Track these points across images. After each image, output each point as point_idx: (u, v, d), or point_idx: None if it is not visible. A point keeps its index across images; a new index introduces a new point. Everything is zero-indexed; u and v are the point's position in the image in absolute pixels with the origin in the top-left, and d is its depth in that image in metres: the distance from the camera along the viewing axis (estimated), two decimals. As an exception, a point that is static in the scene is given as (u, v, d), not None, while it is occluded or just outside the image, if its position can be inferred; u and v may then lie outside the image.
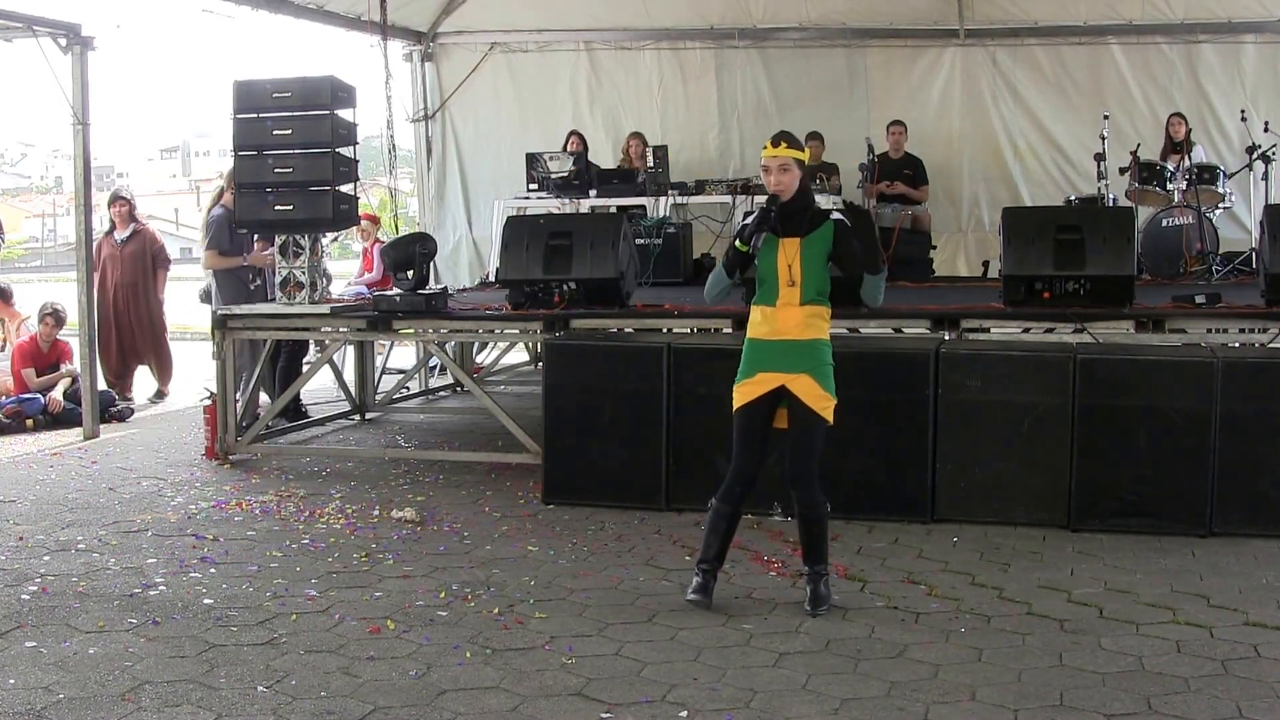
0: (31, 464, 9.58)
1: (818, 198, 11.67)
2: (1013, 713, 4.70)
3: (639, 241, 10.56)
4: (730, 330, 8.62)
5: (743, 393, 5.92)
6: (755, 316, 5.98)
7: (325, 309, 9.68)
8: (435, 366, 13.00)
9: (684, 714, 4.72)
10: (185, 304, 15.95)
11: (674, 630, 5.63)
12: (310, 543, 7.14)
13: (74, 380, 11.40)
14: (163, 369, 12.90)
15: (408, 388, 12.66)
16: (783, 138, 5.92)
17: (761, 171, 6.00)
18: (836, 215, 5.97)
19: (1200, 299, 8.32)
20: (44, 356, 11.70)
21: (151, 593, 6.19)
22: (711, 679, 5.06)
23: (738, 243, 5.87)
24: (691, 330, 9.53)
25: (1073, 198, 11.89)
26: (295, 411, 10.94)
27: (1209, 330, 8.39)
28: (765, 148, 5.95)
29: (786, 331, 5.86)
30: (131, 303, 12.51)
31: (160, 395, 12.78)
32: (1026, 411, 7.30)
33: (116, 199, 12.89)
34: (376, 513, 7.84)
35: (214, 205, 11.10)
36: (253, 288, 10.92)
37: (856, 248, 5.95)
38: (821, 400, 5.83)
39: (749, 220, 5.90)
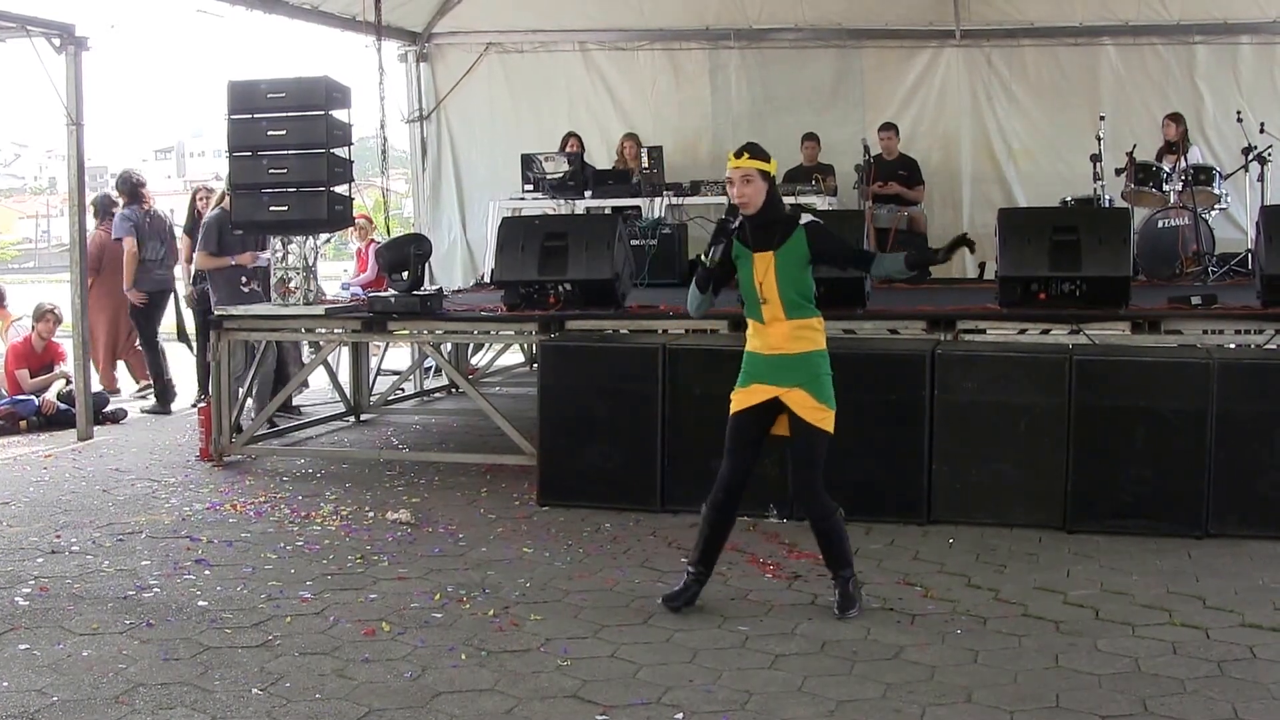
0: (25, 465, 9.56)
1: (814, 199, 11.88)
2: (1009, 714, 4.69)
3: (634, 242, 10.55)
4: (726, 331, 8.61)
5: (737, 400, 5.92)
6: (750, 329, 5.96)
7: (320, 310, 9.67)
8: (430, 368, 13.00)
9: (679, 716, 4.71)
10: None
11: (670, 632, 5.62)
12: (305, 544, 7.12)
13: (68, 381, 11.38)
14: (138, 365, 12.99)
15: (403, 389, 12.65)
16: (746, 148, 5.83)
17: (726, 183, 5.91)
18: (806, 218, 5.86)
19: (1196, 300, 8.32)
20: (38, 358, 11.68)
21: (146, 595, 6.18)
22: (707, 681, 5.05)
23: (702, 256, 5.82)
24: (686, 331, 9.51)
25: (1068, 199, 11.88)
26: (284, 405, 10.96)
27: (1205, 331, 8.38)
28: (729, 158, 5.86)
29: (778, 346, 5.82)
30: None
31: (146, 391, 12.77)
32: (1022, 413, 7.29)
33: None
34: (371, 514, 7.83)
35: (214, 208, 11.18)
36: (245, 290, 10.93)
37: (836, 244, 5.90)
38: (817, 412, 5.79)
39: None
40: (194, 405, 12.12)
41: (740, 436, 5.89)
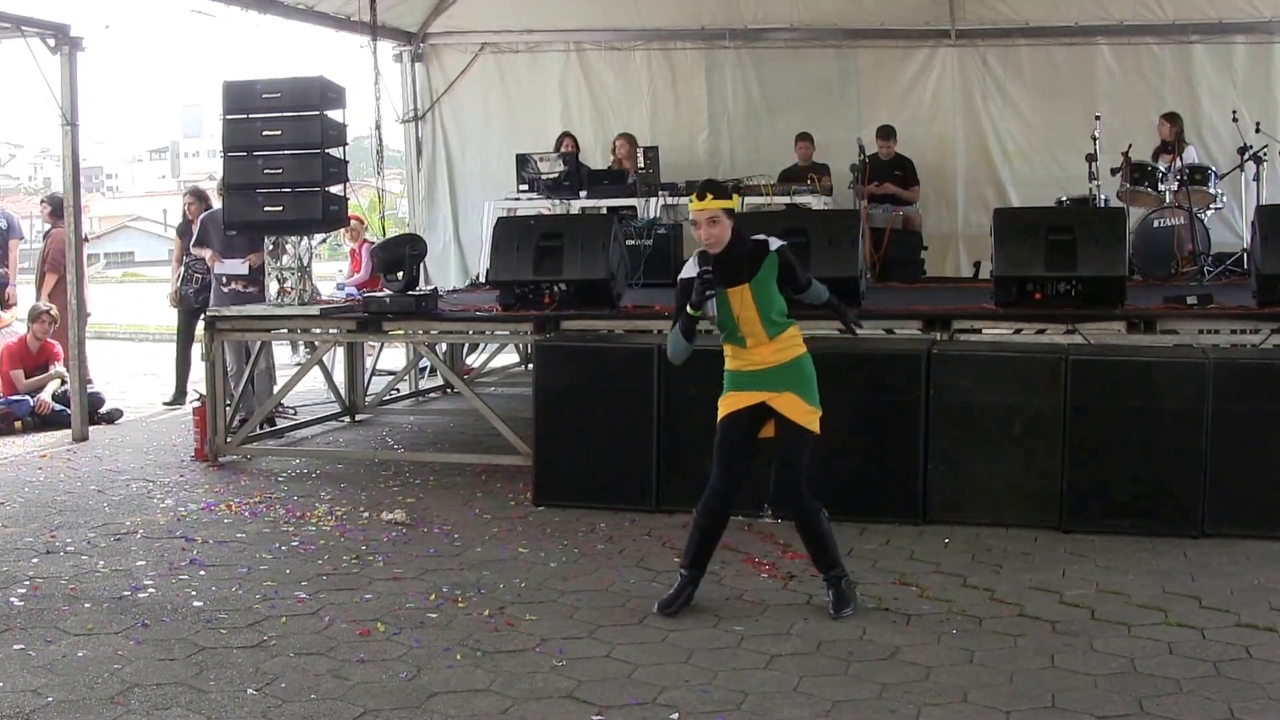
0: (20, 466, 9.55)
1: (808, 198, 11.87)
2: (1004, 714, 4.69)
3: (629, 243, 10.53)
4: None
5: (726, 404, 5.93)
6: (728, 351, 5.96)
7: (315, 310, 9.66)
8: (425, 368, 12.99)
9: (675, 716, 4.70)
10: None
11: (665, 632, 5.62)
12: (300, 545, 7.12)
13: (63, 382, 11.37)
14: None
15: (398, 389, 12.64)
16: (708, 189, 5.77)
17: (691, 225, 5.88)
18: (775, 243, 5.84)
19: (1192, 300, 8.32)
20: (33, 358, 11.66)
21: (141, 595, 6.17)
22: (703, 681, 5.05)
23: (689, 309, 5.77)
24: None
25: (1064, 198, 11.88)
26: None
27: (1200, 331, 8.38)
28: (691, 200, 5.81)
29: (762, 362, 5.85)
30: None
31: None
32: (1018, 413, 7.29)
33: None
34: (366, 515, 7.82)
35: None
36: (225, 290, 10.96)
37: (799, 270, 5.91)
38: (807, 415, 5.83)
39: (693, 274, 5.75)
40: (165, 404, 12.19)
41: (731, 442, 5.89)
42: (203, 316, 10.14)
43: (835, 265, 8.57)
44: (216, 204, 11.61)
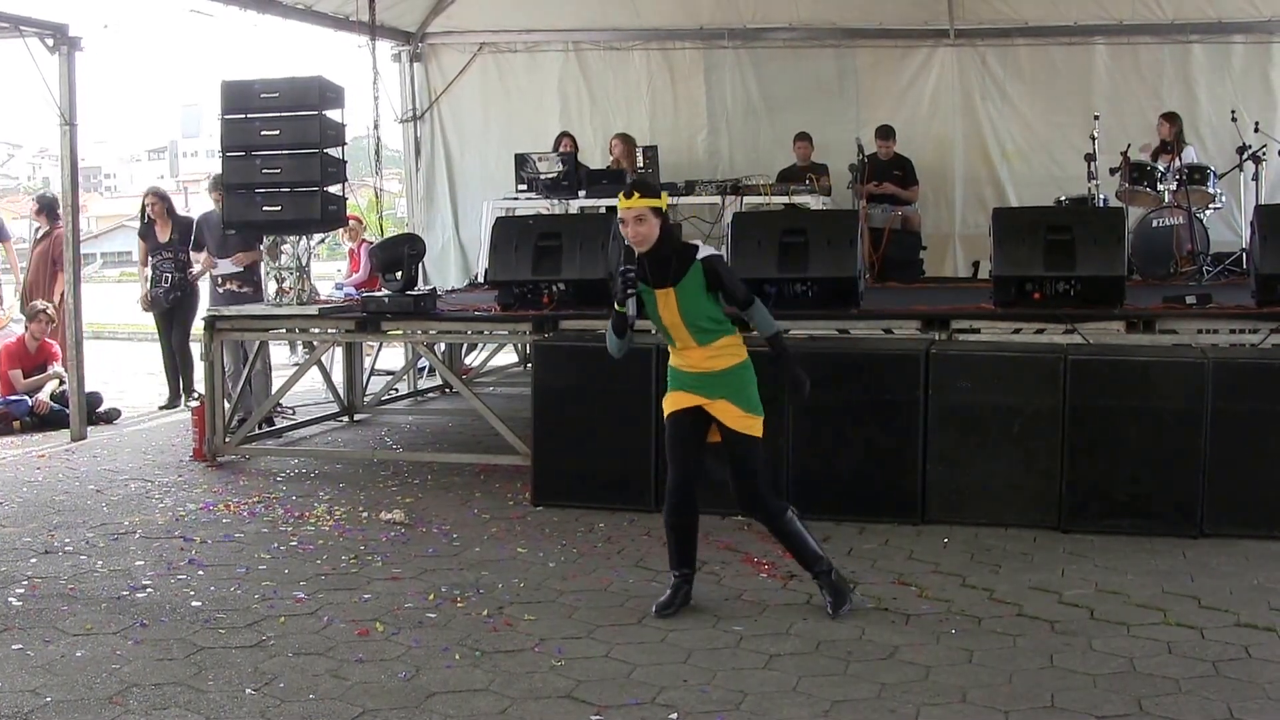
0: (18, 466, 9.54)
1: (807, 198, 11.86)
2: (1004, 714, 4.69)
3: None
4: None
5: (668, 404, 5.94)
6: (670, 350, 5.96)
7: (313, 310, 9.66)
8: (424, 368, 12.98)
9: (674, 716, 4.70)
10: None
11: (664, 632, 5.61)
12: (299, 545, 7.11)
13: (61, 382, 11.36)
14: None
15: (396, 389, 12.63)
16: (635, 188, 5.81)
17: (620, 224, 5.89)
18: (704, 252, 5.80)
19: (1191, 299, 8.32)
20: (31, 358, 11.66)
21: (139, 595, 6.17)
22: (702, 681, 5.04)
23: (616, 306, 5.80)
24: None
25: (1063, 198, 11.88)
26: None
27: (1199, 331, 8.37)
28: (619, 199, 5.84)
29: (697, 365, 5.84)
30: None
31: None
32: (1017, 412, 7.29)
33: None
34: (365, 514, 7.82)
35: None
36: (221, 290, 10.97)
37: (730, 281, 5.80)
38: (744, 420, 5.78)
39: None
40: (160, 408, 12.18)
41: (678, 440, 5.89)
42: (201, 317, 10.12)
43: (834, 265, 8.58)
44: (209, 204, 11.63)
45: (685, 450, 5.87)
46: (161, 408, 12.28)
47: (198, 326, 10.74)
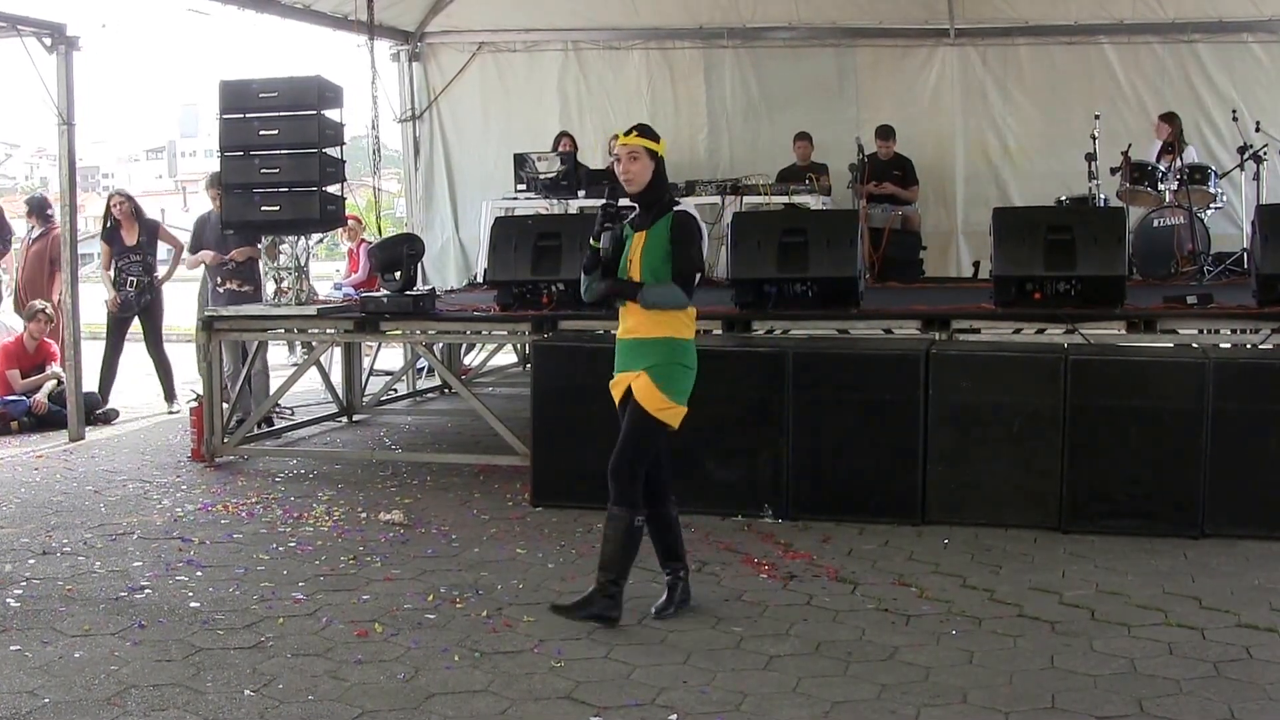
0: (16, 466, 9.53)
1: (807, 198, 11.85)
2: (1004, 715, 4.68)
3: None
4: (719, 331, 8.59)
5: (613, 393, 5.86)
6: (620, 311, 5.86)
7: (312, 310, 9.64)
8: (423, 368, 12.97)
9: (674, 717, 4.69)
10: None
11: (663, 633, 5.60)
12: (297, 545, 7.10)
13: (59, 382, 11.34)
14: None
15: (395, 389, 12.62)
16: (636, 127, 5.77)
17: (614, 161, 5.84)
18: (681, 207, 5.76)
19: (1192, 299, 8.30)
20: (29, 358, 11.64)
21: (137, 596, 6.15)
22: (701, 682, 5.03)
23: (592, 240, 5.78)
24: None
25: (1064, 198, 11.87)
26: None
27: (1200, 331, 8.38)
28: (617, 136, 5.82)
29: (635, 330, 5.73)
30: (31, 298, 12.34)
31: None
32: (1017, 412, 7.27)
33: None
34: (364, 515, 7.80)
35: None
36: (220, 290, 10.95)
37: (683, 246, 5.65)
38: (656, 401, 5.62)
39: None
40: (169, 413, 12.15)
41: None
42: (199, 317, 10.09)
43: (834, 265, 8.57)
44: (208, 203, 11.60)
45: None
46: (171, 412, 12.05)
47: (184, 327, 10.72)
